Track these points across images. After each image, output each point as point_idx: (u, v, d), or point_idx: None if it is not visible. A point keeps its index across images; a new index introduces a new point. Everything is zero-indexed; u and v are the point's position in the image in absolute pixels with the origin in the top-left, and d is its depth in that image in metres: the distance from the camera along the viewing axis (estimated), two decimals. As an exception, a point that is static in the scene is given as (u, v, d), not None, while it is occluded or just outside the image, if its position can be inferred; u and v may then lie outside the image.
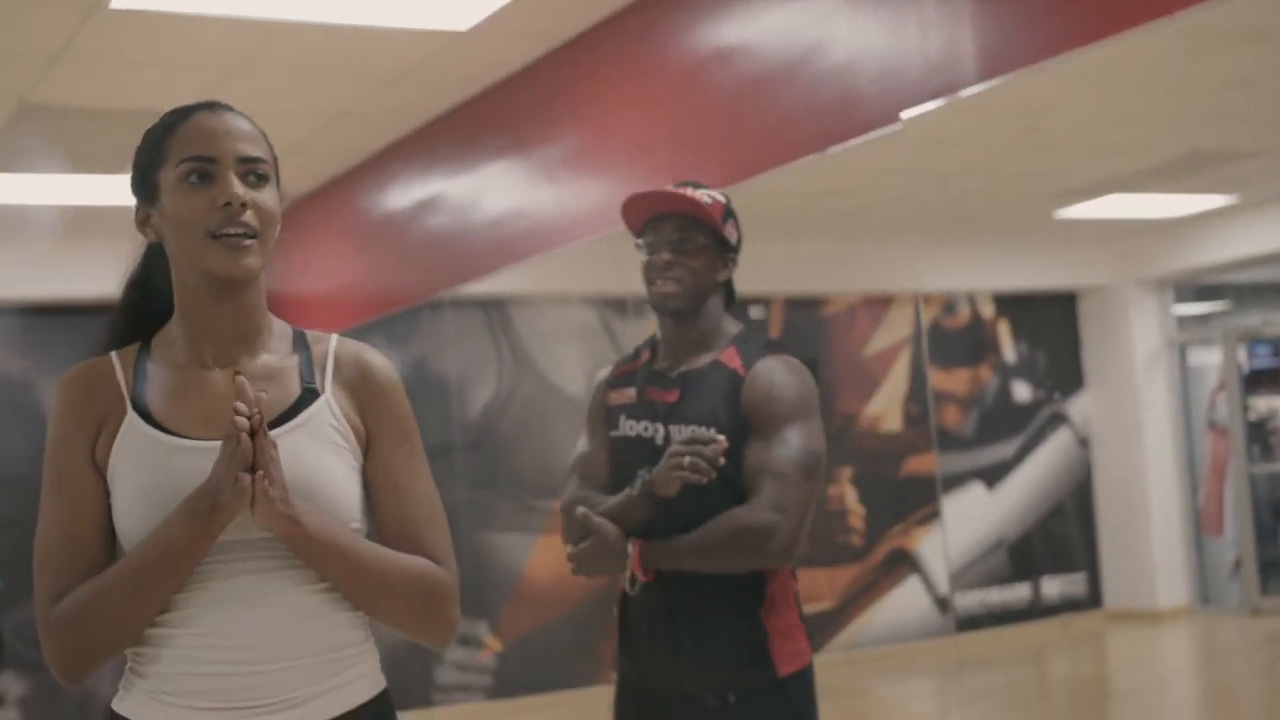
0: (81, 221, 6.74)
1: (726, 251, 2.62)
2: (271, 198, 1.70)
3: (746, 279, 2.79)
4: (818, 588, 8.36)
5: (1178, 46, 4.82)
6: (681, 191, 2.61)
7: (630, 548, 2.47)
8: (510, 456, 7.74)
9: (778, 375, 2.50)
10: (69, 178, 6.15)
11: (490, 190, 5.56)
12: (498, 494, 7.68)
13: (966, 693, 7.56)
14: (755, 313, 8.33)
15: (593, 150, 4.93)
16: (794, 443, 2.44)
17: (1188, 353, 9.55)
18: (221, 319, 1.71)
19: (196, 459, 1.62)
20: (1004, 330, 9.39)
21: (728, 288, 2.66)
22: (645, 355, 2.68)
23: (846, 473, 8.64)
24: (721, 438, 2.36)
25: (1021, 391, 9.41)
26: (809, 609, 2.83)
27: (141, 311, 1.80)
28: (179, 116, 1.73)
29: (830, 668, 8.31)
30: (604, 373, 2.75)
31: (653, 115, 4.55)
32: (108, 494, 1.66)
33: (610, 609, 2.72)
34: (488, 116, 5.48)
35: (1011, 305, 9.36)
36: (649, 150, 4.58)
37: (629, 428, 2.62)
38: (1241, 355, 9.30)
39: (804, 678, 2.53)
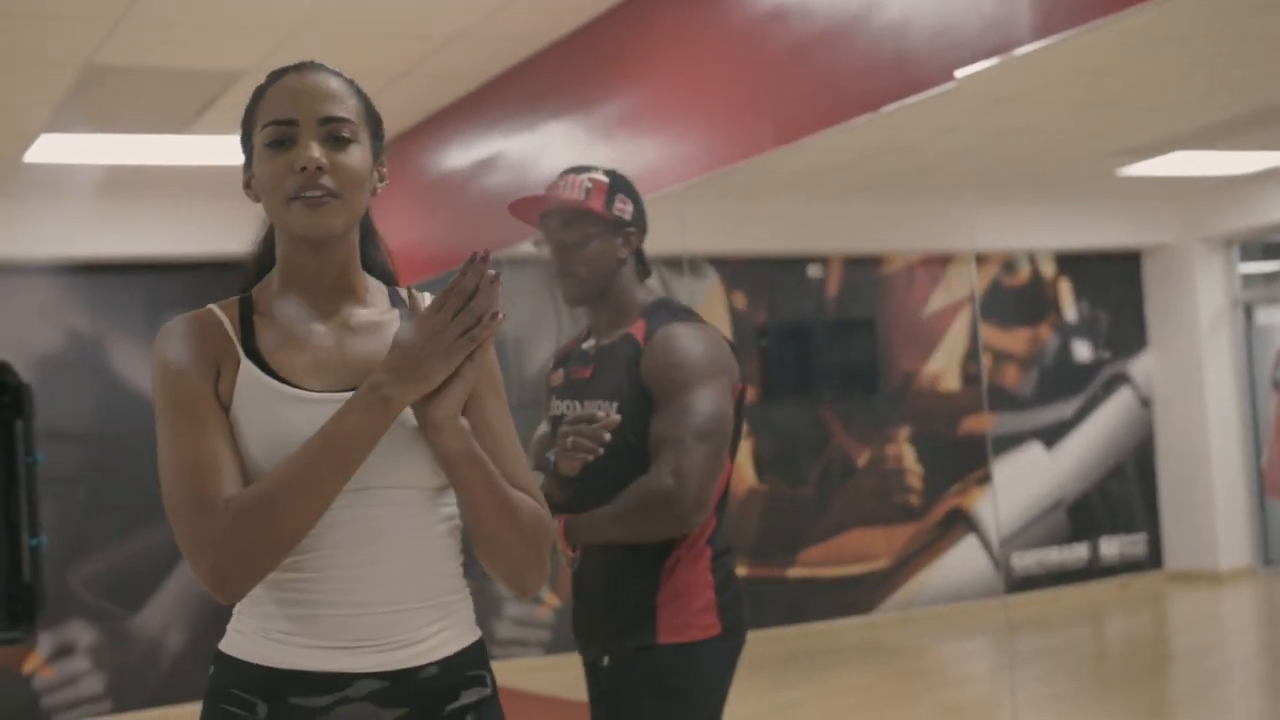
0: (145, 182, 6.84)
1: (622, 229, 2.63)
2: (354, 156, 1.70)
3: (804, 238, 2.83)
4: (874, 546, 8.37)
5: (1242, 2, 4.75)
6: (553, 191, 2.66)
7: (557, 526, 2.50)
8: (568, 414, 7.78)
9: (676, 342, 2.50)
10: (134, 138, 6.24)
11: (548, 149, 5.59)
12: (556, 451, 7.73)
13: (1022, 653, 7.57)
14: (813, 271, 8.31)
15: (650, 109, 4.94)
16: (692, 408, 2.43)
17: (1254, 311, 9.43)
18: (318, 274, 1.73)
19: (313, 410, 1.64)
20: (1065, 289, 9.31)
21: (639, 258, 2.67)
22: (583, 333, 2.74)
23: (904, 432, 8.64)
24: (602, 414, 2.42)
25: (1082, 351, 9.34)
26: (867, 568, 2.84)
27: (266, 266, 1.82)
28: (271, 79, 1.75)
29: (886, 626, 8.34)
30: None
31: (709, 74, 4.56)
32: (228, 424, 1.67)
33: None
34: (545, 76, 5.50)
35: (1073, 264, 9.28)
36: (705, 109, 4.59)
37: (556, 407, 2.70)
38: (1309, 315, 9.18)
39: (695, 650, 2.48)
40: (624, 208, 2.63)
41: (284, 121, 1.69)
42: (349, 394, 1.65)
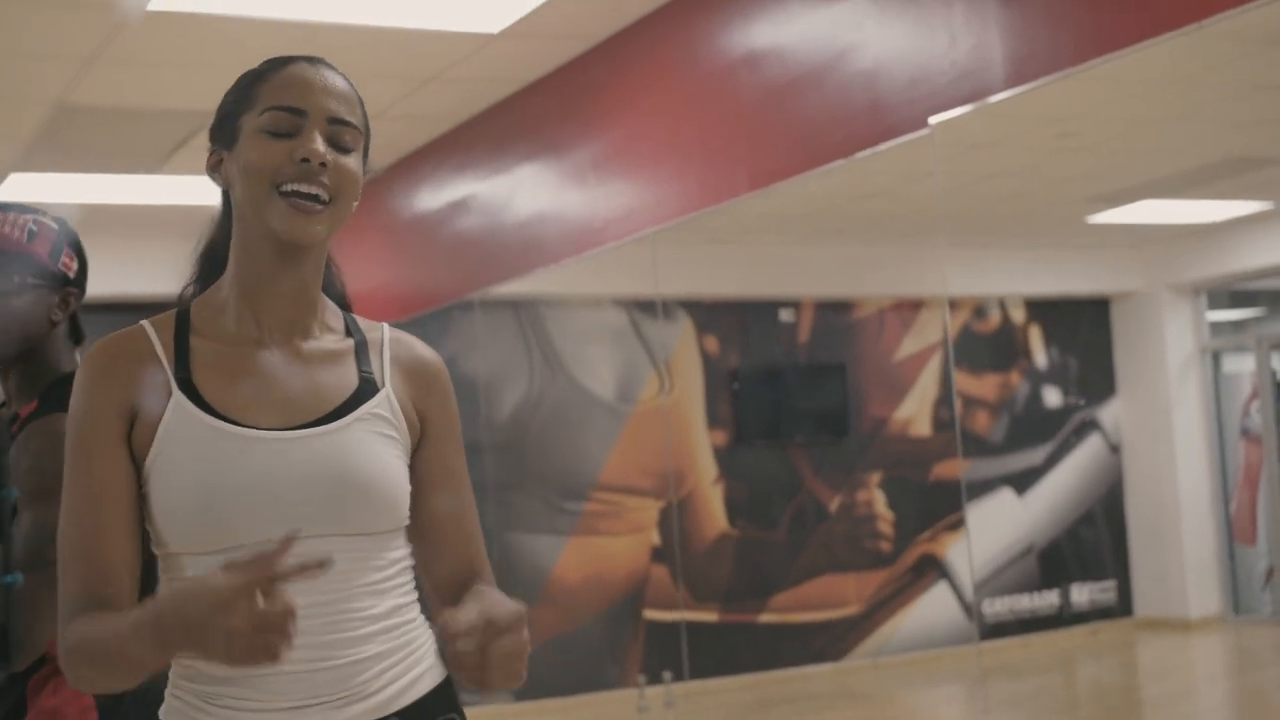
0: (115, 221, 6.80)
1: (62, 286, 2.23)
2: (356, 164, 1.58)
3: (776, 282, 2.80)
4: (845, 592, 8.34)
5: (1211, 51, 4.79)
6: None
7: None
8: (539, 458, 7.76)
9: (30, 443, 2.08)
10: (105, 177, 6.21)
11: (521, 192, 5.58)
12: (526, 495, 7.70)
13: (993, 700, 7.54)
14: (785, 316, 8.32)
15: (623, 153, 4.94)
16: (24, 532, 2.00)
17: (1221, 359, 9.48)
18: (279, 285, 1.58)
19: (258, 450, 1.52)
20: (1035, 335, 9.35)
21: (73, 324, 2.27)
22: None
23: (875, 477, 8.63)
24: None
25: (1052, 397, 9.37)
26: (838, 614, 2.82)
27: (212, 280, 1.66)
28: (275, 64, 1.62)
29: (856, 673, 8.30)
30: None
31: (682, 119, 4.57)
32: (138, 484, 1.55)
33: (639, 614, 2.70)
34: (519, 119, 5.51)
35: (1043, 310, 9.32)
36: (679, 153, 4.60)
37: None
38: (1276, 362, 9.23)
39: None
40: (69, 264, 2.24)
41: (292, 110, 1.55)
42: (299, 431, 1.53)
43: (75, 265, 2.26)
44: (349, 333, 1.66)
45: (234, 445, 1.52)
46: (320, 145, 1.54)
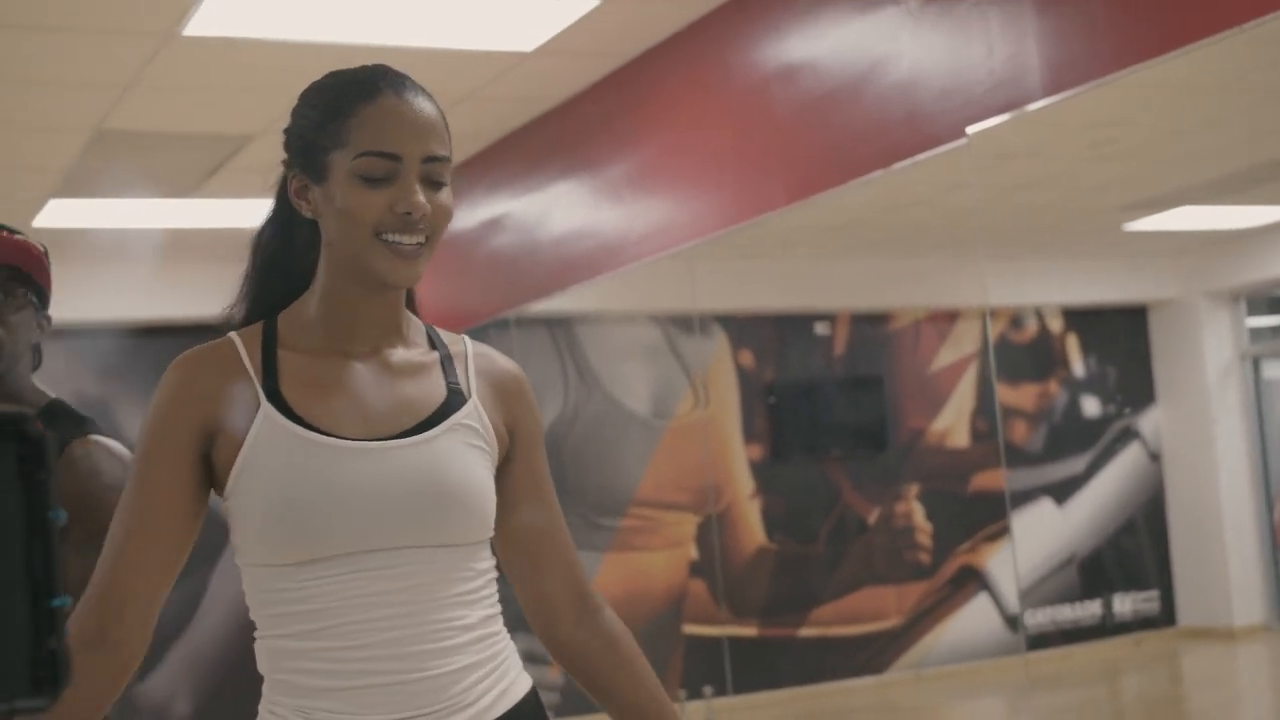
0: (150, 245, 6.85)
1: (43, 310, 2.22)
2: (448, 198, 1.58)
3: (811, 295, 2.78)
4: (886, 605, 8.30)
5: (1248, 56, 4.76)
6: (7, 236, 2.18)
7: None
8: (576, 474, 7.76)
9: (102, 462, 2.10)
10: (142, 202, 6.26)
11: (556, 209, 5.59)
12: (564, 511, 7.69)
13: (1037, 712, 7.48)
14: (821, 329, 8.30)
15: (658, 169, 4.95)
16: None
17: (1261, 365, 9.40)
18: (371, 310, 1.59)
19: (348, 459, 1.52)
20: (1073, 344, 9.29)
21: (36, 352, 2.23)
22: None
23: (913, 489, 8.59)
24: None
25: (1091, 406, 9.31)
26: (878, 626, 2.80)
27: (274, 289, 1.66)
28: (360, 95, 1.56)
29: (899, 686, 8.25)
30: None
31: (718, 133, 4.56)
32: (194, 498, 1.55)
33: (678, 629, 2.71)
34: (553, 136, 5.52)
35: (1081, 319, 9.27)
36: (715, 168, 4.59)
37: None
38: (1317, 368, 9.15)
39: None
40: (47, 289, 2.22)
41: (388, 155, 1.53)
42: (389, 442, 1.54)
43: (48, 294, 2.24)
44: (432, 345, 1.67)
45: (323, 455, 1.52)
46: (419, 196, 1.53)
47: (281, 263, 1.66)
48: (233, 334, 1.61)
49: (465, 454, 1.59)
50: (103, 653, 1.50)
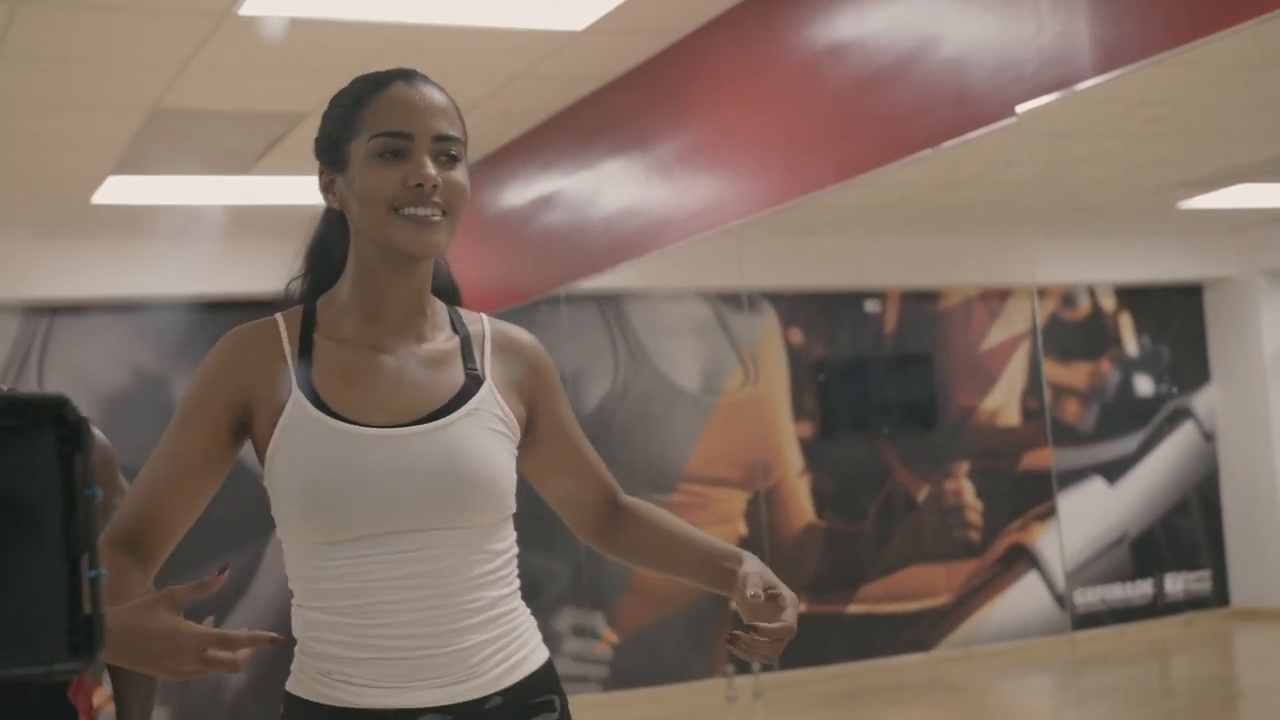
0: (207, 221, 6.94)
1: None
2: (463, 175, 1.69)
3: (861, 273, 2.79)
4: (934, 583, 8.30)
5: (1305, 33, 4.71)
6: None
7: None
8: (626, 450, 7.80)
9: None
10: (199, 179, 6.34)
11: (607, 187, 5.62)
12: (614, 487, 7.73)
13: (1086, 690, 7.46)
14: (871, 306, 8.29)
15: (707, 147, 4.96)
16: None
17: (1318, 345, 9.29)
18: (397, 291, 1.68)
19: (370, 446, 1.61)
20: (1126, 323, 9.23)
21: None
22: None
23: (964, 468, 8.57)
24: None
25: (1144, 385, 9.24)
26: (927, 604, 2.82)
27: (322, 276, 1.77)
28: (372, 86, 1.69)
29: (947, 663, 8.25)
30: None
31: (768, 111, 4.57)
32: (219, 459, 1.65)
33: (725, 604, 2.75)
34: (604, 114, 5.54)
35: (1134, 297, 9.20)
36: (764, 146, 4.60)
37: None
38: (1375, 347, 9.03)
39: None
40: None
41: (399, 134, 1.64)
42: (408, 428, 1.63)
43: None
44: (454, 329, 1.76)
45: (346, 441, 1.61)
46: (430, 169, 1.63)
47: (331, 251, 1.77)
48: (278, 315, 1.72)
49: (482, 437, 1.67)
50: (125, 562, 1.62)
